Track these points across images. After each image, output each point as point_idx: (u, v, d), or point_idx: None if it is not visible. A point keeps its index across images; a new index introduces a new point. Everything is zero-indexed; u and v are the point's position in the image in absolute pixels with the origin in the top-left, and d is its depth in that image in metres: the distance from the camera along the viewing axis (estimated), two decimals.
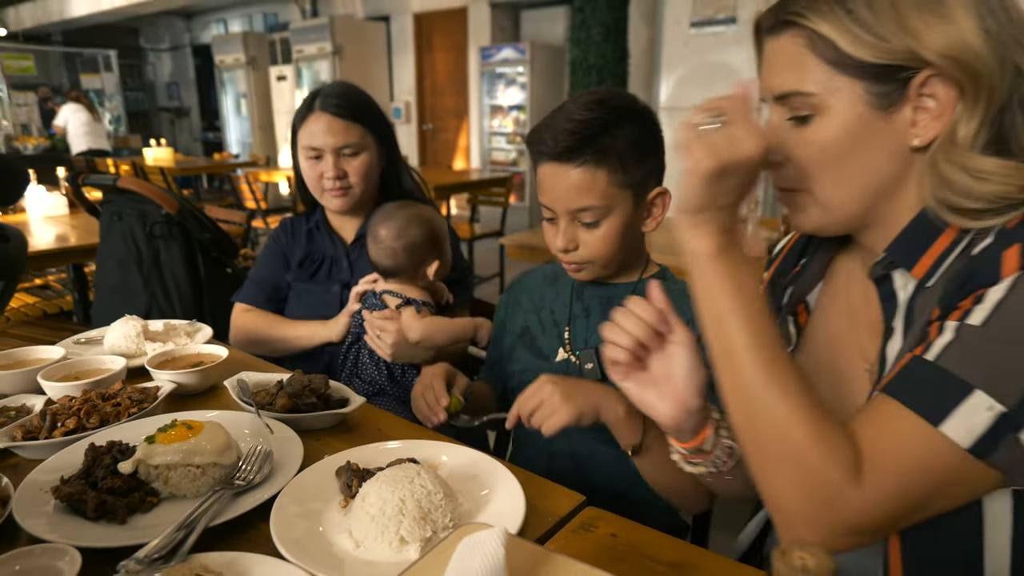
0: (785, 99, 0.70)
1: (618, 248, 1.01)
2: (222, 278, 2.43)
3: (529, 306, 1.18)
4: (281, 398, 1.03)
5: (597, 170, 0.95)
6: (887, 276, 0.71)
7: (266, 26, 10.01)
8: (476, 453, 0.90)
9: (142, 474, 0.84)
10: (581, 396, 0.89)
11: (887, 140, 0.66)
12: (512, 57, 6.87)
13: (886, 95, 0.65)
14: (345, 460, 0.87)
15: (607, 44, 3.94)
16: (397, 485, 0.74)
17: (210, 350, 1.26)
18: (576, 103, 0.97)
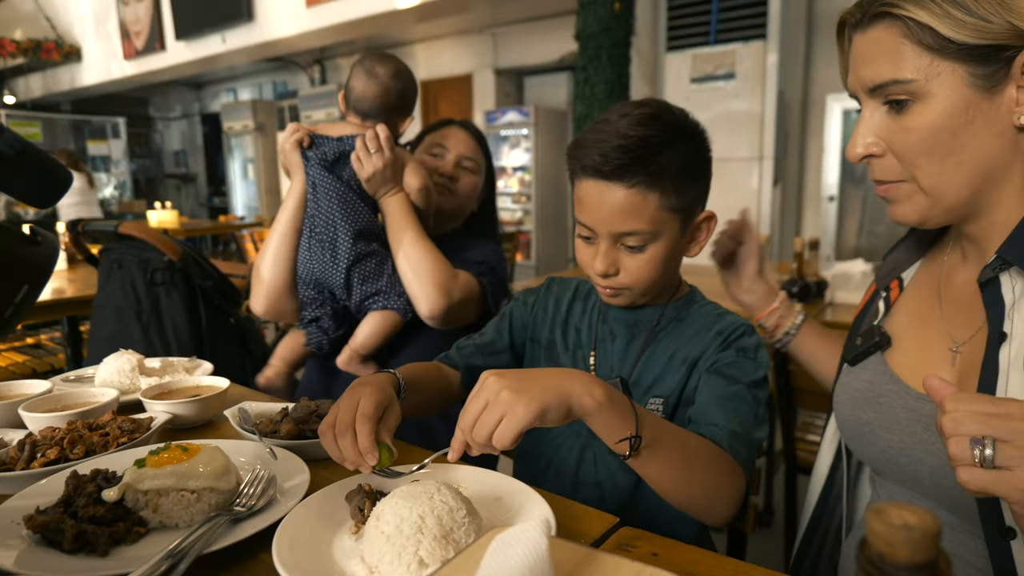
0: (880, 89, 0.70)
1: (661, 275, 0.94)
2: (224, 327, 2.38)
3: (557, 318, 1.11)
4: (286, 424, 0.96)
5: (649, 192, 0.87)
6: (993, 279, 0.70)
7: (275, 94, 10.34)
8: (500, 476, 0.82)
9: (129, 502, 0.76)
10: (539, 386, 0.70)
11: (992, 121, 0.66)
12: (517, 120, 7.04)
13: (990, 75, 0.65)
14: (357, 484, 0.79)
15: (610, 100, 4.02)
16: (416, 501, 0.66)
17: (210, 382, 1.20)
18: (627, 117, 0.89)
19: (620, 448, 0.73)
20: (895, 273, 0.88)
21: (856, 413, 0.82)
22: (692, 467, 0.78)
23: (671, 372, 0.96)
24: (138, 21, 8.74)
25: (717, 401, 0.87)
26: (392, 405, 0.85)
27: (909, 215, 0.74)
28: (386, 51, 1.60)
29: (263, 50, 7.78)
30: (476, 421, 0.70)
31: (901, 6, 0.66)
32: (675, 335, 0.99)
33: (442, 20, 6.69)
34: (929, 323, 0.80)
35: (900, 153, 0.71)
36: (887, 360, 0.82)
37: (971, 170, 0.68)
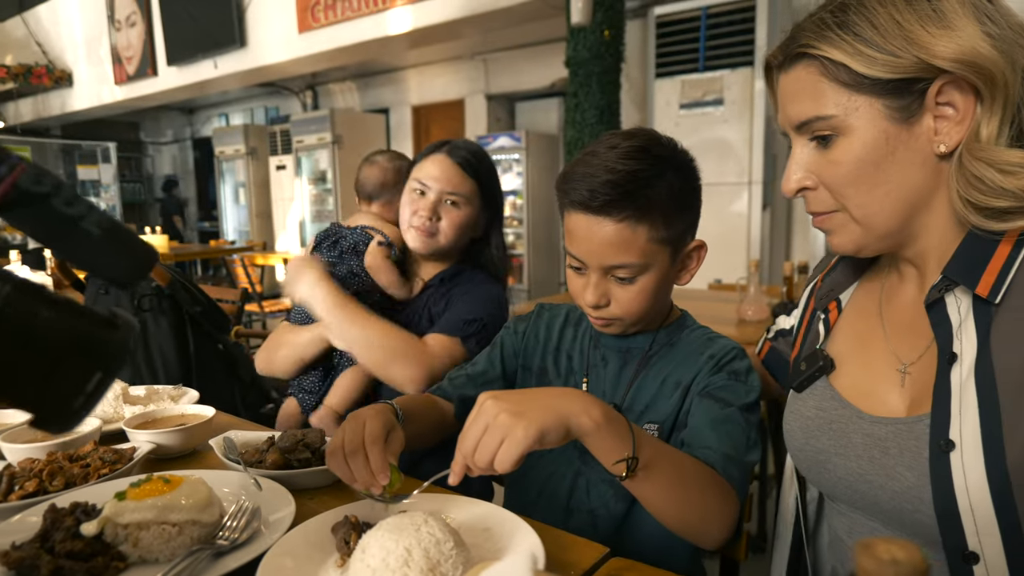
0: (806, 125, 0.73)
1: (651, 305, 0.94)
2: (213, 353, 2.36)
3: (549, 345, 1.10)
4: (272, 454, 0.95)
5: (638, 226, 0.88)
6: (938, 300, 0.71)
7: (267, 119, 10.38)
8: (489, 506, 0.82)
9: (109, 536, 0.75)
10: (537, 407, 0.70)
11: (913, 151, 0.68)
12: (508, 145, 7.09)
13: (905, 107, 0.67)
14: (343, 515, 0.78)
15: (601, 126, 4.06)
16: (402, 533, 0.65)
17: (195, 410, 1.18)
18: (615, 150, 0.89)
19: (617, 469, 0.73)
20: (833, 294, 0.89)
21: (810, 442, 0.81)
22: (688, 489, 0.78)
23: (664, 397, 0.96)
24: (130, 47, 8.79)
25: (711, 424, 0.87)
26: (395, 430, 0.85)
27: (845, 245, 0.76)
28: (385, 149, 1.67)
29: (255, 75, 7.84)
30: (477, 445, 0.69)
31: (816, 46, 0.69)
32: (667, 360, 0.99)
33: (434, 46, 6.77)
34: (872, 344, 0.80)
35: (829, 185, 0.73)
36: (833, 384, 0.82)
37: (898, 199, 0.70)
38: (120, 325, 0.49)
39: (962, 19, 0.65)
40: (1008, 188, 0.64)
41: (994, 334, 0.66)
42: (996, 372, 0.65)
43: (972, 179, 0.66)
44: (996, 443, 0.63)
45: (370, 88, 8.84)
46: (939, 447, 0.67)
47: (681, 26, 4.46)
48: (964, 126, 0.66)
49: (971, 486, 0.64)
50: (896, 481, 0.70)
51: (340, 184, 7.90)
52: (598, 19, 4.04)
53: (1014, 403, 0.64)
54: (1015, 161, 0.64)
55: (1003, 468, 0.62)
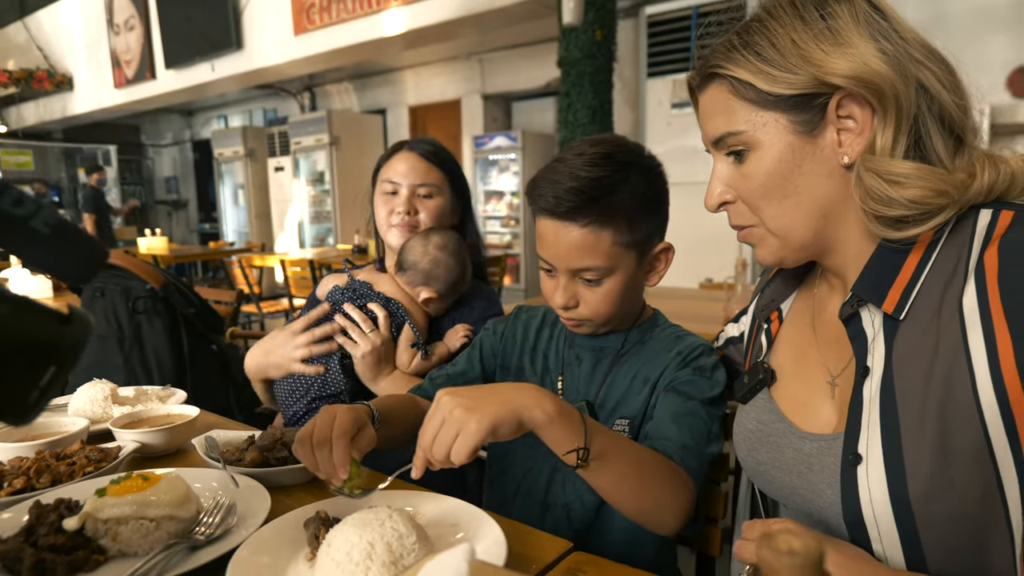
0: (721, 141, 0.76)
1: (619, 306, 0.97)
2: (207, 353, 2.39)
3: (526, 345, 1.13)
4: (251, 452, 0.98)
5: (602, 231, 0.91)
6: (855, 313, 0.74)
7: (265, 120, 10.42)
8: (457, 502, 0.84)
9: (90, 530, 0.78)
10: (490, 402, 0.74)
11: (819, 162, 0.71)
12: (505, 144, 7.11)
13: (808, 121, 0.70)
14: (315, 511, 0.80)
15: (593, 126, 4.08)
16: (366, 528, 0.68)
17: (180, 410, 1.21)
18: (581, 156, 0.92)
19: (569, 459, 0.76)
20: (774, 305, 0.91)
21: (752, 454, 0.84)
22: (641, 478, 0.80)
23: (634, 393, 0.99)
24: (129, 50, 8.83)
25: (672, 417, 0.90)
26: (365, 428, 0.88)
27: (767, 257, 0.78)
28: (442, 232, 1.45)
29: (252, 77, 7.87)
30: (434, 439, 0.72)
31: (724, 67, 0.73)
32: (638, 358, 1.02)
33: (429, 47, 6.79)
34: (807, 356, 0.82)
35: (745, 199, 0.76)
36: (773, 396, 0.84)
37: (809, 210, 0.72)
38: (75, 320, 0.51)
39: (856, 37, 0.67)
40: (896, 198, 0.66)
41: (896, 349, 0.69)
42: (896, 388, 0.68)
43: (867, 190, 0.68)
44: (896, 457, 0.66)
45: (367, 89, 8.87)
46: (849, 460, 0.69)
47: (672, 25, 4.48)
48: (864, 138, 0.68)
49: (875, 500, 0.66)
50: (819, 497, 0.73)
51: (338, 185, 7.93)
52: (589, 19, 4.06)
53: (913, 418, 0.66)
54: (902, 172, 0.66)
55: (903, 485, 0.65)
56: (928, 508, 0.64)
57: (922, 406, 0.65)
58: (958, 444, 0.63)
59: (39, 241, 0.53)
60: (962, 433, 0.63)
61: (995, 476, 0.62)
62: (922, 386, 0.66)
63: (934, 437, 0.64)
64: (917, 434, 0.65)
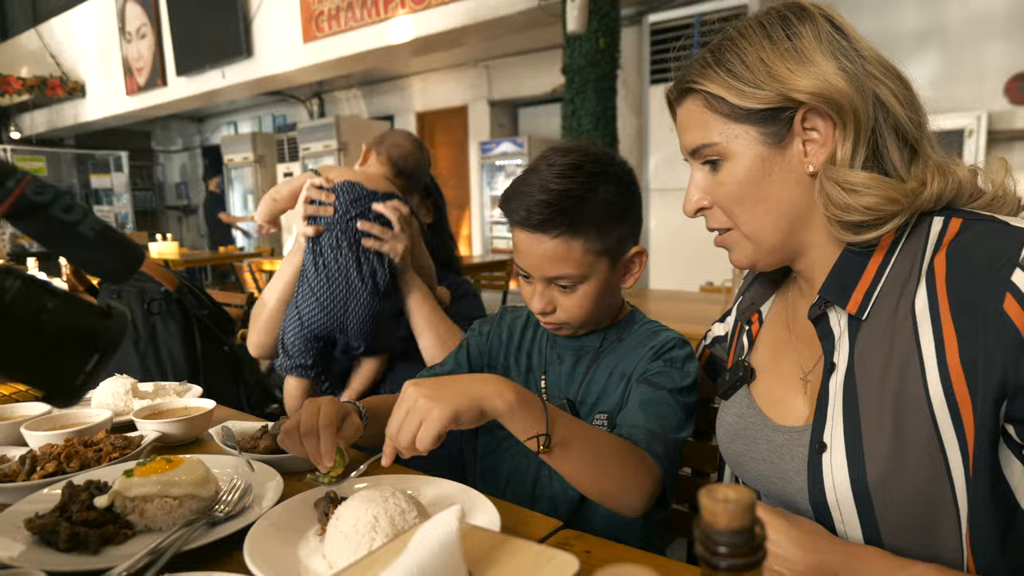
0: (697, 152, 0.82)
1: (595, 310, 1.03)
2: (219, 355, 2.46)
3: (511, 346, 1.20)
4: (265, 440, 1.05)
5: (573, 240, 0.96)
6: (823, 314, 0.80)
7: (275, 127, 10.55)
8: (456, 485, 0.91)
9: (118, 507, 0.85)
10: (452, 392, 0.79)
11: (787, 171, 0.77)
12: (511, 150, 7.19)
13: (776, 133, 0.76)
14: (324, 492, 0.87)
15: (596, 132, 4.15)
16: (371, 503, 0.74)
17: (197, 403, 1.28)
18: (552, 168, 0.97)
19: (531, 444, 0.82)
20: (754, 307, 0.97)
21: (731, 446, 0.90)
22: (604, 463, 0.87)
23: (612, 389, 1.05)
24: (140, 58, 8.98)
25: (640, 405, 0.96)
26: (350, 417, 0.95)
27: (741, 260, 0.85)
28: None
29: (262, 84, 7.99)
30: (400, 428, 0.79)
31: (699, 82, 0.79)
32: (615, 354, 1.08)
33: (436, 54, 6.89)
34: (783, 354, 0.88)
35: (721, 205, 0.82)
36: (752, 392, 0.90)
37: (779, 215, 0.78)
38: (115, 315, 0.59)
39: (818, 56, 0.73)
40: (853, 204, 0.72)
41: (858, 347, 0.75)
42: (858, 382, 0.74)
43: (828, 197, 0.74)
44: (856, 445, 0.72)
45: (375, 95, 8.98)
46: (815, 449, 0.76)
47: (675, 33, 4.55)
48: (827, 148, 0.74)
49: (837, 484, 0.72)
50: (789, 484, 0.79)
51: None
52: (593, 27, 4.14)
53: (872, 409, 0.72)
54: (858, 181, 0.72)
55: (862, 470, 0.71)
56: (884, 490, 0.70)
57: (879, 398, 0.71)
58: (911, 432, 0.69)
59: (85, 243, 0.60)
60: (914, 423, 0.69)
61: (943, 461, 0.68)
62: (879, 380, 0.72)
63: (890, 426, 0.70)
64: (875, 424, 0.71)
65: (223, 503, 0.86)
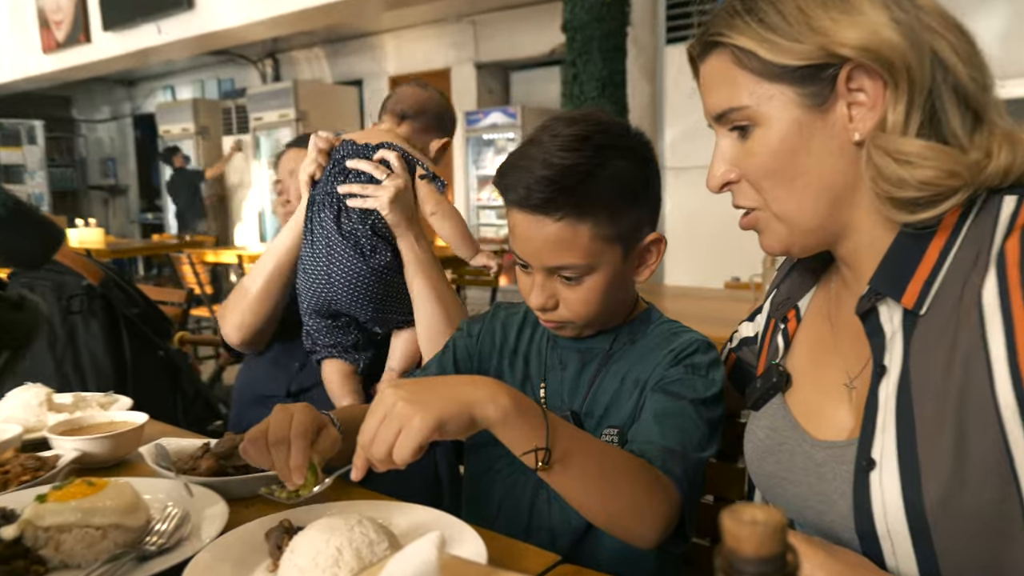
0: (723, 116, 0.81)
1: (604, 306, 1.03)
2: (152, 360, 2.44)
3: (505, 348, 1.19)
4: (206, 460, 1.04)
5: (579, 224, 0.95)
6: (872, 309, 0.79)
7: (220, 92, 10.51)
8: (434, 512, 0.91)
9: (29, 539, 0.84)
10: (437, 396, 0.78)
11: (829, 139, 0.77)
12: (501, 122, 7.20)
13: (816, 94, 0.75)
14: (278, 521, 0.87)
15: (603, 100, 4.16)
16: (333, 533, 0.74)
17: (126, 417, 1.27)
18: (556, 139, 0.96)
19: (528, 460, 0.82)
20: (791, 303, 0.96)
21: (762, 465, 0.90)
22: (613, 483, 0.86)
23: (624, 398, 1.05)
24: (59, 10, 8.91)
25: (655, 417, 0.96)
26: (326, 429, 0.94)
27: (773, 245, 0.84)
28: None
29: (205, 42, 7.94)
30: (374, 436, 0.77)
31: (726, 35, 0.78)
32: (628, 358, 1.08)
33: (414, 8, 6.88)
34: (825, 357, 0.88)
35: (750, 179, 0.81)
36: (787, 402, 0.89)
37: (818, 191, 0.78)
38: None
39: (866, 4, 0.72)
40: (907, 178, 0.72)
41: (914, 346, 0.75)
42: (913, 387, 0.74)
43: (877, 170, 0.74)
44: (911, 463, 0.71)
45: (341, 56, 8.97)
46: (862, 466, 0.75)
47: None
48: (876, 112, 0.73)
49: (888, 508, 0.72)
50: (831, 509, 0.79)
51: None
52: None
53: (929, 419, 0.72)
54: (913, 151, 0.71)
55: (918, 490, 0.70)
56: (943, 515, 0.70)
57: (938, 406, 0.71)
58: (974, 446, 0.69)
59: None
60: (979, 434, 0.69)
61: (1013, 480, 0.68)
62: (939, 385, 0.72)
63: (950, 439, 0.70)
64: (933, 436, 0.71)
65: (155, 534, 0.85)
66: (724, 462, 1.20)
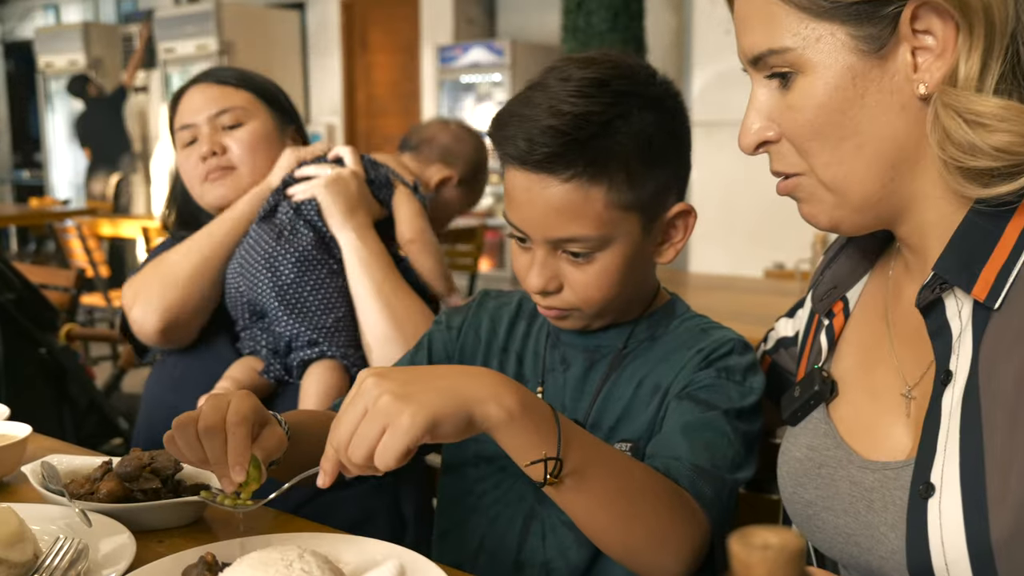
0: (761, 60, 0.85)
1: (618, 290, 1.06)
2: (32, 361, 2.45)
3: (494, 344, 1.23)
4: (108, 482, 1.07)
5: (592, 187, 0.99)
6: (937, 301, 0.83)
7: (119, 15, 10.44)
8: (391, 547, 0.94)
9: None
10: (431, 389, 0.82)
11: (888, 93, 0.80)
12: (485, 60, 7.21)
13: (875, 37, 0.79)
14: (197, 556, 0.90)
15: (615, 34, 4.17)
16: (268, 569, 0.78)
17: (4, 429, 1.30)
18: (566, 83, 1.00)
19: (534, 472, 0.85)
20: (837, 293, 1.00)
21: (798, 491, 0.94)
22: (635, 504, 0.91)
23: (639, 407, 1.09)
24: None
25: (682, 430, 1.00)
26: (270, 426, 0.99)
27: (817, 217, 0.88)
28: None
29: None
30: (352, 435, 0.81)
31: None
32: (645, 358, 1.12)
33: None
34: (879, 360, 0.92)
35: (792, 137, 0.85)
36: (832, 415, 0.94)
37: (873, 155, 0.82)
38: None
39: None
40: (979, 144, 0.75)
41: (985, 347, 0.78)
42: (982, 397, 0.78)
43: (945, 132, 0.77)
44: (977, 488, 0.75)
45: None
46: (918, 492, 0.79)
47: None
48: (946, 60, 0.77)
49: (947, 539, 0.76)
50: (880, 544, 0.83)
51: None
52: None
53: (1001, 436, 0.75)
54: (986, 111, 0.74)
55: (984, 522, 0.74)
56: (1013, 552, 0.74)
57: (1012, 422, 0.75)
58: None
59: None
60: None
61: None
62: (1013, 395, 0.76)
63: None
64: (1005, 458, 0.75)
65: (45, 570, 0.89)
66: (753, 491, 1.24)
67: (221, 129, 1.64)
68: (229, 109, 1.64)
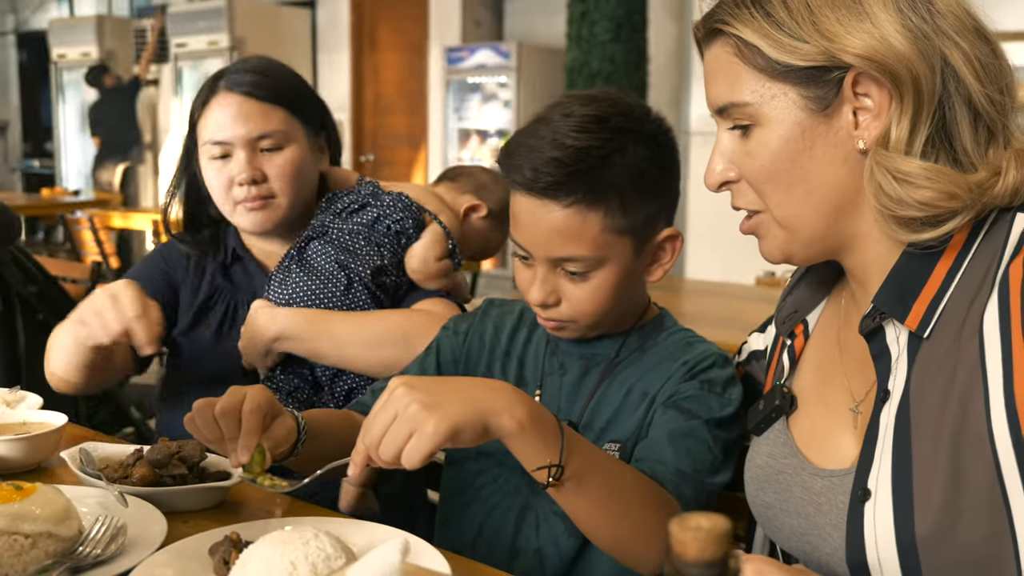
0: (725, 111, 0.95)
1: (611, 305, 1.17)
2: None
3: (496, 349, 1.34)
4: (140, 468, 1.18)
5: (589, 213, 1.09)
6: (879, 329, 0.93)
7: (133, 8, 10.49)
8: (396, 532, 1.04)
9: None
10: (455, 400, 0.92)
11: (832, 145, 0.90)
12: (491, 62, 7.25)
13: (822, 97, 0.89)
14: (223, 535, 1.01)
15: (617, 44, 4.24)
16: (288, 547, 0.88)
17: (41, 417, 1.39)
18: (568, 119, 1.11)
19: (539, 476, 0.96)
20: (797, 316, 1.10)
21: (759, 495, 1.04)
22: (624, 505, 1.02)
23: (629, 411, 1.20)
24: None
25: (667, 437, 1.11)
26: (283, 417, 1.11)
27: (772, 252, 0.99)
28: None
29: None
30: (383, 436, 0.92)
31: (730, 23, 0.91)
32: (635, 368, 1.23)
33: None
34: (832, 378, 1.02)
35: (750, 180, 0.95)
36: (791, 427, 1.04)
37: (820, 199, 0.92)
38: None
39: (878, 7, 0.85)
40: (905, 198, 0.84)
41: (916, 371, 0.88)
42: (912, 414, 0.87)
43: (877, 186, 0.87)
44: (905, 493, 0.85)
45: None
46: (857, 496, 0.89)
47: None
48: (881, 121, 0.86)
49: (880, 541, 0.86)
50: (825, 542, 0.93)
51: None
52: None
53: (926, 449, 0.85)
54: (911, 171, 0.84)
55: (910, 523, 0.84)
56: (934, 549, 0.83)
57: (935, 435, 0.85)
58: (969, 479, 0.82)
59: None
60: (973, 466, 0.82)
61: (1007, 515, 0.82)
62: (937, 413, 0.85)
63: (945, 471, 0.83)
64: (928, 467, 0.85)
65: (90, 543, 0.99)
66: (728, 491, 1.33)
67: (259, 152, 1.58)
68: (269, 135, 1.58)
